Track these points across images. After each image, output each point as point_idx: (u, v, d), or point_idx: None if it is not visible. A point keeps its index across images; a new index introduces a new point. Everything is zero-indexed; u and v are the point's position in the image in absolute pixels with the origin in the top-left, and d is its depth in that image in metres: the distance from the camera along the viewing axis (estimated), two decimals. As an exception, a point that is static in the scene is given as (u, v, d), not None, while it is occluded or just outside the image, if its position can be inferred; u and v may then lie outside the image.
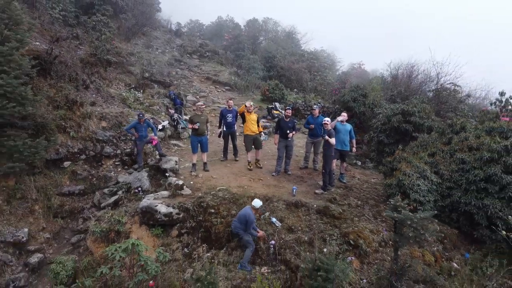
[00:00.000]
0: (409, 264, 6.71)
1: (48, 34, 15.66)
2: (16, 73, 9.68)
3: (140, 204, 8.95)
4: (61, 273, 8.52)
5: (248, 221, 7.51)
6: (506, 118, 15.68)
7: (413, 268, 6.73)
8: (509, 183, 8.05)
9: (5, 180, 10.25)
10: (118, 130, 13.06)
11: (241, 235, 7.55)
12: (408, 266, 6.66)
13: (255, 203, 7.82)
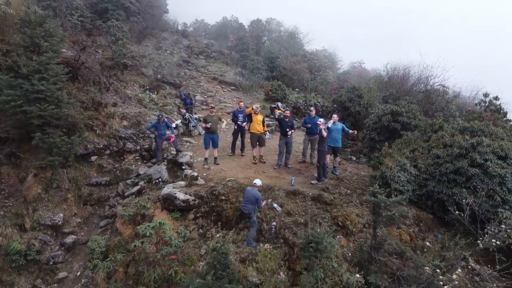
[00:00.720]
0: (385, 240, 8.16)
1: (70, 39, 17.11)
2: (53, 80, 11.19)
3: (162, 192, 10.47)
4: (96, 249, 10.09)
5: (258, 198, 9.07)
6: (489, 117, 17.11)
7: (388, 243, 8.18)
8: (473, 174, 9.47)
9: (43, 172, 11.80)
10: (137, 128, 14.60)
11: (252, 215, 9.02)
12: (384, 241, 8.11)
13: (256, 182, 9.41)
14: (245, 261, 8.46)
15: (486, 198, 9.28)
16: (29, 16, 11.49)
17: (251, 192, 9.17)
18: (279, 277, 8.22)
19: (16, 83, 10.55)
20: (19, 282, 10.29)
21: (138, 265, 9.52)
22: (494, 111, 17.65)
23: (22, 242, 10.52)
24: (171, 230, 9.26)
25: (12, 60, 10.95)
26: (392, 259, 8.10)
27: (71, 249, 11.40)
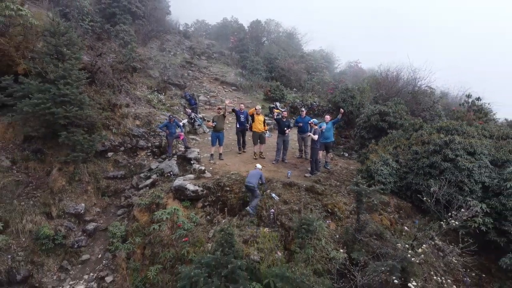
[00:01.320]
0: (367, 223, 9.52)
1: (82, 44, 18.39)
2: (76, 84, 12.51)
3: (173, 184, 11.83)
4: (117, 233, 11.47)
5: (261, 175, 10.93)
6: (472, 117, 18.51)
7: (369, 225, 9.54)
8: (445, 168, 10.83)
9: (66, 166, 13.14)
10: (148, 127, 15.96)
11: (255, 188, 10.66)
12: (366, 224, 9.48)
13: (258, 165, 11.57)
14: (248, 242, 9.81)
15: (456, 188, 10.67)
16: (54, 27, 12.79)
17: (253, 172, 10.95)
18: (277, 255, 9.58)
19: (44, 87, 11.88)
20: (48, 263, 11.66)
21: (154, 247, 10.89)
22: (476, 111, 19.04)
23: (50, 228, 11.90)
24: (183, 216, 10.63)
25: (40, 67, 12.27)
26: (372, 240, 9.47)
27: (92, 234, 12.78)
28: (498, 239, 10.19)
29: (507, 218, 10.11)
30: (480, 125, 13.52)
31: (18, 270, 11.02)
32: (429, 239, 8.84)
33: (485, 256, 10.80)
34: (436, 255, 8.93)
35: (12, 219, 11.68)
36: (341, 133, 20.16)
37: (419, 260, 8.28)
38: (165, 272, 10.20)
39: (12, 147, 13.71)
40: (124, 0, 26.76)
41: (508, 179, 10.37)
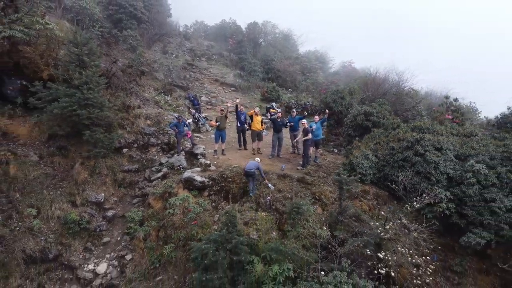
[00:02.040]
0: (347, 207, 11.29)
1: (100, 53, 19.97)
2: (97, 89, 14.18)
3: (183, 176, 13.56)
4: (135, 218, 13.19)
5: (259, 166, 12.66)
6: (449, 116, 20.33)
7: (349, 209, 11.31)
8: (416, 161, 12.60)
9: (88, 161, 14.84)
10: (158, 126, 17.67)
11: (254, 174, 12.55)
12: (347, 208, 11.25)
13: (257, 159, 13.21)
14: (248, 224, 11.55)
15: (425, 178, 12.45)
16: (76, 38, 14.42)
17: (252, 162, 12.76)
18: (272, 235, 11.33)
19: (70, 92, 13.54)
20: (74, 244, 13.37)
21: (167, 229, 12.64)
22: (453, 111, 20.85)
23: (76, 214, 13.60)
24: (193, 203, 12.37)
25: (66, 74, 13.93)
26: (352, 221, 11.25)
27: (111, 220, 14.49)
28: (460, 222, 11.97)
29: (467, 203, 11.91)
30: (449, 124, 15.32)
31: (50, 250, 12.71)
32: (398, 219, 10.64)
33: (450, 237, 12.57)
34: (403, 232, 10.70)
35: (43, 207, 13.37)
36: (332, 131, 21.92)
37: (388, 235, 10.08)
38: (178, 250, 11.95)
39: (38, 144, 15.38)
40: (130, 7, 28.32)
41: (469, 170, 12.15)
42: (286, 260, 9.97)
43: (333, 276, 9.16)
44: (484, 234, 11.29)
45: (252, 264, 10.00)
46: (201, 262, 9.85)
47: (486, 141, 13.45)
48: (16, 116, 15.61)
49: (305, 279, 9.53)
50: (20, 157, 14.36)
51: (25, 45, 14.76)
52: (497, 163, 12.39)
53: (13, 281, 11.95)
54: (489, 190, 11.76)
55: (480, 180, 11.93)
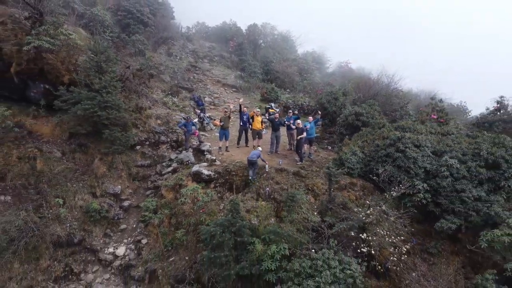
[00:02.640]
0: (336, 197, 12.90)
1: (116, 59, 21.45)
2: (114, 93, 15.76)
3: (192, 169, 15.16)
4: (150, 207, 14.80)
5: (260, 155, 14.45)
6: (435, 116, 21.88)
7: (338, 198, 12.92)
8: (397, 157, 14.17)
9: (106, 157, 16.45)
10: (167, 126, 19.25)
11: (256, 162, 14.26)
12: (335, 197, 12.86)
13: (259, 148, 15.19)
14: (249, 211, 13.15)
15: (405, 172, 14.04)
16: (95, 47, 15.99)
17: (254, 151, 14.57)
18: (270, 221, 12.93)
19: (91, 95, 15.12)
20: (95, 230, 14.99)
21: (178, 217, 14.25)
22: (438, 111, 22.41)
23: (97, 204, 15.21)
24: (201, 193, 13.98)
25: (87, 79, 15.51)
26: (339, 209, 12.85)
27: (127, 210, 16.11)
28: (435, 210, 13.58)
29: (441, 193, 13.50)
30: (429, 123, 16.92)
31: (75, 235, 14.34)
32: (378, 206, 12.26)
33: (427, 224, 14.16)
34: (383, 217, 12.31)
35: (67, 197, 15.00)
36: (326, 130, 23.45)
37: (370, 220, 11.71)
38: (188, 234, 13.57)
39: (60, 142, 16.97)
40: (137, 12, 29.80)
41: (443, 165, 13.74)
42: (282, 241, 11.59)
43: (322, 253, 10.80)
44: (455, 220, 12.91)
45: (253, 245, 11.61)
46: (209, 243, 11.47)
47: (460, 139, 15.05)
48: (40, 117, 17.21)
49: (299, 257, 11.16)
50: (45, 153, 15.99)
51: (48, 52, 16.32)
52: (468, 158, 13.98)
53: (43, 262, 13.58)
54: (460, 182, 13.36)
55: (453, 173, 13.51)
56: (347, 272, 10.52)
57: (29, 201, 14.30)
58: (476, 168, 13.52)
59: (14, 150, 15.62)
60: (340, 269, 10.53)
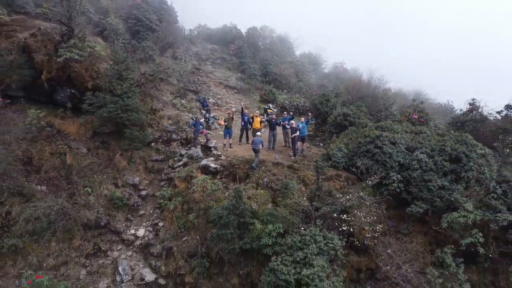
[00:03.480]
0: (322, 186, 15.23)
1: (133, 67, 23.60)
2: (133, 97, 18.04)
3: (201, 163, 17.48)
4: (166, 195, 17.12)
5: (262, 141, 16.69)
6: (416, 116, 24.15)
7: (324, 187, 15.25)
8: (376, 152, 16.49)
9: (126, 153, 18.76)
10: (177, 125, 21.55)
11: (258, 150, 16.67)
12: (322, 186, 15.19)
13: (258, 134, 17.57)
14: (250, 198, 15.46)
15: (382, 165, 16.36)
16: (116, 57, 18.26)
17: (257, 139, 16.84)
18: (268, 206, 15.26)
19: (114, 100, 17.40)
20: (118, 215, 17.31)
21: (189, 203, 16.56)
22: (419, 112, 24.70)
23: (119, 193, 17.53)
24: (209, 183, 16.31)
25: (110, 85, 17.80)
26: (325, 195, 15.18)
27: (144, 198, 18.43)
28: (407, 197, 15.91)
29: (412, 183, 15.82)
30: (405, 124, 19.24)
31: (101, 219, 16.65)
32: (357, 193, 14.62)
33: (401, 209, 16.50)
34: (361, 203, 14.65)
35: (94, 187, 17.31)
36: (319, 129, 25.75)
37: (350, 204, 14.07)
38: (199, 218, 15.89)
39: (85, 140, 19.23)
40: (146, 20, 31.96)
41: (414, 159, 16.06)
42: (277, 221, 13.92)
43: (309, 231, 13.15)
44: (423, 205, 15.26)
45: (253, 225, 13.93)
46: (217, 223, 13.81)
47: (431, 137, 17.37)
48: (67, 117, 19.45)
49: (291, 234, 13.50)
50: (74, 150, 18.29)
51: (75, 62, 18.58)
52: (436, 153, 16.31)
53: (75, 242, 15.92)
54: (428, 173, 15.69)
55: (422, 166, 15.84)
56: (330, 245, 12.87)
57: (62, 191, 16.60)
58: (442, 161, 15.85)
59: (46, 147, 17.90)
60: (324, 243, 12.87)
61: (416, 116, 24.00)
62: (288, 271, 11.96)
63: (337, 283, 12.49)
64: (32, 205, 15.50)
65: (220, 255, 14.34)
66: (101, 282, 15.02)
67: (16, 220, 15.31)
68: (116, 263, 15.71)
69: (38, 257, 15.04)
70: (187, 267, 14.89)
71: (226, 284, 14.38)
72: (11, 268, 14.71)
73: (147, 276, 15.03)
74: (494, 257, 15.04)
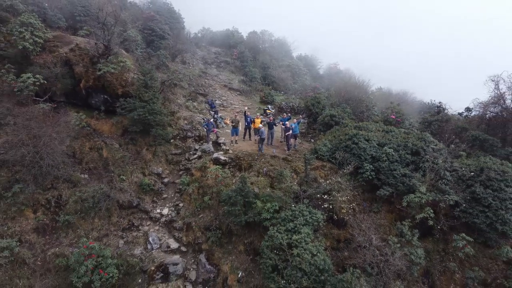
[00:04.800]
0: (309, 174, 18.97)
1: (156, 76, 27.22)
2: (157, 102, 21.73)
3: (213, 156, 21.22)
4: (185, 182, 20.87)
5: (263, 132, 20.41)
6: (393, 116, 27.83)
7: (311, 175, 18.99)
8: (353, 147, 20.21)
9: (151, 148, 22.50)
10: (191, 125, 25.25)
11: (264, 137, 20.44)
12: (309, 174, 18.94)
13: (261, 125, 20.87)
14: (253, 183, 19.14)
15: (358, 157, 20.07)
16: (143, 69, 21.93)
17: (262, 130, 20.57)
18: (267, 189, 18.96)
19: (142, 105, 21.10)
20: (146, 198, 21.04)
21: (204, 188, 20.27)
22: (396, 113, 28.39)
23: (147, 180, 21.28)
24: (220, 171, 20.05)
25: (138, 93, 21.48)
26: (312, 181, 18.92)
27: (166, 184, 22.13)
28: (377, 183, 19.63)
29: (381, 172, 19.53)
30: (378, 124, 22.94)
31: (133, 201, 20.37)
32: (336, 179, 18.37)
33: (373, 193, 20.21)
34: (340, 187, 18.38)
35: (126, 175, 21.03)
36: (310, 127, 29.40)
37: (330, 187, 17.83)
38: (212, 199, 19.60)
39: (116, 137, 22.92)
40: (159, 30, 35.50)
41: (383, 153, 19.73)
42: (274, 201, 17.59)
43: (298, 207, 16.86)
44: (389, 189, 18.99)
45: (255, 204, 17.61)
46: (227, 202, 17.52)
47: (397, 135, 21.09)
48: (100, 119, 23.11)
49: (284, 210, 17.21)
50: (108, 145, 21.98)
51: (109, 73, 22.25)
52: (400, 148, 20.03)
53: (113, 219, 19.61)
54: (393, 164, 19.39)
55: (389, 158, 19.55)
56: (314, 218, 16.59)
57: (101, 178, 20.35)
58: (404, 154, 19.59)
59: (86, 143, 21.58)
60: (310, 217, 16.59)
61: (394, 116, 27.71)
62: (282, 237, 15.67)
63: (319, 246, 16.19)
64: (79, 189, 19.23)
65: (229, 227, 18.09)
66: (136, 249, 18.75)
67: (66, 201, 19.01)
68: (146, 235, 19.45)
69: (84, 231, 18.69)
70: (203, 237, 18.65)
71: (234, 250, 18.12)
72: (64, 239, 18.37)
73: (172, 245, 18.80)
74: (444, 230, 18.82)
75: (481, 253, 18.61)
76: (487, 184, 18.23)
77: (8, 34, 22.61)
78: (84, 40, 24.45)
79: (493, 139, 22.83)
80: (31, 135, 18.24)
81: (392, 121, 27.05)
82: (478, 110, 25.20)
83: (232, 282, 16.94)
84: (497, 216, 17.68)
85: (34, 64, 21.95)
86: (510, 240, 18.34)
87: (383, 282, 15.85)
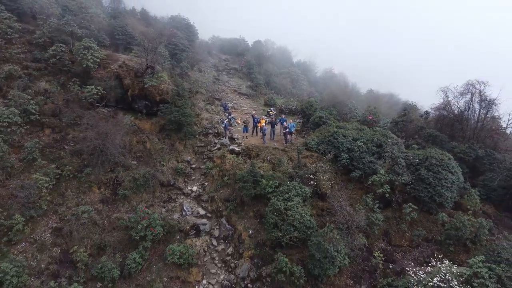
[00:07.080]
0: (301, 160, 25.14)
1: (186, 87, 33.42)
2: (187, 107, 27.95)
3: (229, 148, 27.43)
4: (209, 166, 27.15)
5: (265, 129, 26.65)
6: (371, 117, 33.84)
7: (302, 161, 25.15)
8: (333, 141, 26.31)
9: (182, 141, 28.72)
10: (211, 124, 31.44)
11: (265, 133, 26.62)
12: (301, 161, 25.11)
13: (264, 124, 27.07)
14: (260, 168, 25.24)
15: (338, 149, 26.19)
16: (177, 82, 28.12)
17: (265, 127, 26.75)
18: (270, 172, 25.12)
19: (176, 109, 27.33)
20: (179, 179, 27.21)
21: (223, 171, 26.45)
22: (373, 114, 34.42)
23: (180, 166, 27.53)
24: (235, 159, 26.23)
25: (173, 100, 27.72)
26: (303, 166, 25.06)
27: (194, 169, 28.25)
28: (351, 168, 25.73)
29: (354, 159, 25.61)
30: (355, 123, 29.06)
31: (171, 181, 26.50)
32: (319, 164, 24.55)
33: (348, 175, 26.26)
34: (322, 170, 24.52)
35: (165, 162, 27.26)
36: (304, 126, 35.44)
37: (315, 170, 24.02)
38: (230, 179, 25.75)
39: (155, 133, 29.04)
40: (181, 45, 41.56)
41: (356, 145, 25.81)
42: (275, 179, 23.71)
43: (292, 184, 23.03)
44: (359, 172, 25.10)
45: (261, 182, 23.75)
46: (241, 180, 23.67)
47: (367, 132, 27.19)
48: (142, 119, 29.23)
49: (282, 185, 23.34)
50: (150, 139, 28.17)
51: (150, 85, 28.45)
52: (369, 142, 26.09)
53: (157, 193, 25.81)
54: (363, 154, 25.48)
55: (360, 149, 25.65)
56: (303, 191, 22.69)
57: (147, 164, 26.62)
58: (371, 147, 25.70)
59: (134, 138, 27.76)
60: (300, 190, 22.67)
61: (371, 117, 33.72)
62: (280, 204, 21.79)
63: (307, 210, 22.43)
64: (132, 172, 25.41)
65: (242, 199, 24.23)
66: (174, 215, 24.93)
67: (122, 180, 25.22)
68: (181, 205, 25.65)
69: (136, 202, 24.80)
70: (223, 206, 24.87)
71: (246, 215, 24.27)
72: (122, 208, 24.51)
73: (201, 212, 25.03)
74: (399, 202, 24.92)
75: (425, 219, 24.65)
76: (429, 168, 24.28)
77: (72, 55, 28.76)
78: (127, 58, 30.64)
79: (443, 136, 28.88)
80: (100, 132, 24.47)
81: (370, 121, 32.98)
82: (433, 113, 31.19)
83: (245, 237, 23.15)
84: (436, 191, 23.68)
85: (93, 78, 28.13)
86: (445, 208, 24.43)
87: (351, 235, 22.05)
